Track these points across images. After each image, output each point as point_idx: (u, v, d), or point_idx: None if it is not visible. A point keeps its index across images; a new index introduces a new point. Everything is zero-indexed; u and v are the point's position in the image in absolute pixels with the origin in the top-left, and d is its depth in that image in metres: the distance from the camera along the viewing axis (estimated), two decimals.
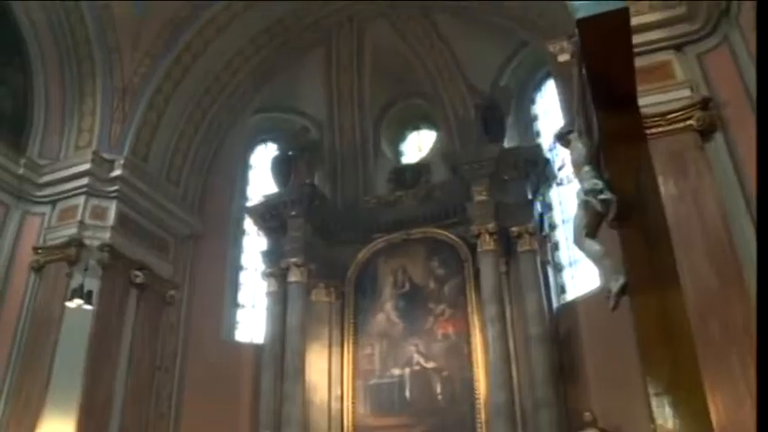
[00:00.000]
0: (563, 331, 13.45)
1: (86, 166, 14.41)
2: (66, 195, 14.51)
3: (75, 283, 12.67)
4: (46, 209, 14.55)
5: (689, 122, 8.01)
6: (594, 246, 5.48)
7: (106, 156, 14.73)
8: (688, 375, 4.10)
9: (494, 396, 12.83)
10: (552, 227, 15.16)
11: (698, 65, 8.79)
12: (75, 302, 12.21)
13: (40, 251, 13.99)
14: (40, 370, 12.97)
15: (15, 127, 14.73)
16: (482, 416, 13.41)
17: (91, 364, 13.32)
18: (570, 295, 14.21)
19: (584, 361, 12.85)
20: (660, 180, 3.91)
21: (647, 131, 4.77)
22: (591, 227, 5.37)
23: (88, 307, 12.49)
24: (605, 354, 12.01)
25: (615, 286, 5.00)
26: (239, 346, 16.67)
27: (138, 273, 14.68)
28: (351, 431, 14.61)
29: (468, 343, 14.19)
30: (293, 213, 15.44)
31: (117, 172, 14.60)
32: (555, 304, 13.99)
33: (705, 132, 7.95)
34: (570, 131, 5.92)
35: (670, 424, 4.30)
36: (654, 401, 4.44)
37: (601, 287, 12.13)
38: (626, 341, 9.61)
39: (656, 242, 4.50)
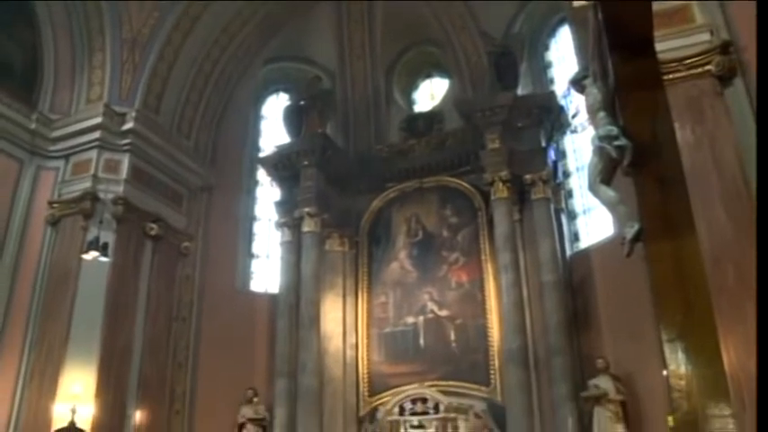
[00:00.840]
0: (576, 279, 13.48)
1: (98, 120, 14.42)
2: (78, 149, 14.57)
3: (90, 236, 12.79)
4: (59, 163, 14.64)
5: (707, 68, 7.86)
6: (609, 192, 5.43)
7: (117, 109, 14.72)
8: (701, 322, 4.09)
9: (507, 343, 12.93)
10: (566, 174, 15.06)
11: (719, 8, 8.57)
12: (92, 255, 12.33)
13: (55, 205, 14.12)
14: (60, 322, 13.21)
15: (26, 82, 14.72)
16: (496, 363, 13.55)
17: (109, 315, 13.54)
18: (584, 243, 14.18)
19: (598, 308, 12.91)
20: (677, 126, 3.85)
21: (665, 77, 4.67)
22: (605, 173, 5.31)
23: (104, 259, 12.62)
24: (619, 301, 12.06)
25: (630, 233, 4.96)
26: (254, 295, 16.85)
27: (152, 225, 14.79)
28: (365, 378, 14.82)
29: (482, 290, 14.25)
30: (306, 163, 15.41)
31: (129, 125, 14.60)
32: (568, 252, 13.98)
33: (724, 78, 7.80)
34: (585, 77, 5.82)
35: (683, 370, 4.30)
36: (667, 348, 4.44)
37: (615, 235, 12.10)
38: (639, 289, 9.65)
39: (672, 189, 4.44)
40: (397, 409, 13.42)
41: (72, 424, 12.55)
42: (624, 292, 11.54)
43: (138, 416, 13.67)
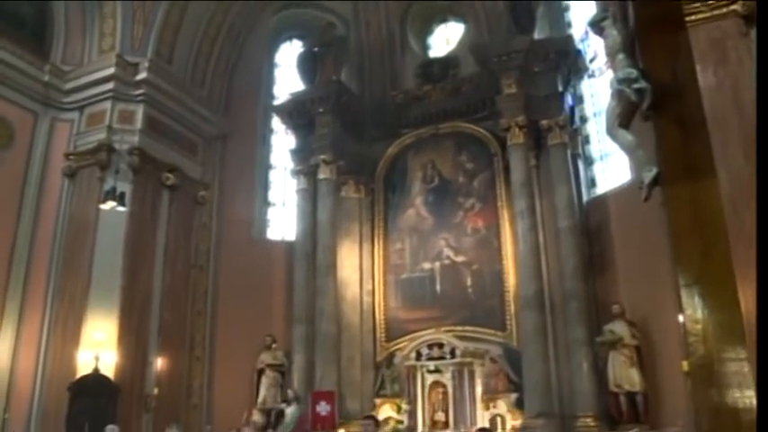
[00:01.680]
0: (593, 224, 13.43)
1: (111, 71, 14.37)
2: (92, 101, 14.57)
3: (107, 187, 12.87)
4: (74, 115, 14.67)
5: (733, 7, 7.63)
6: (627, 136, 5.36)
7: (130, 59, 14.64)
8: (718, 267, 4.07)
9: (523, 288, 12.98)
10: (583, 120, 14.87)
11: None
12: (109, 205, 12.42)
13: (71, 157, 14.20)
14: (80, 271, 13.41)
15: (37, 34, 14.65)
16: (512, 308, 13.62)
17: (128, 264, 13.71)
18: (600, 189, 14.08)
19: (614, 254, 12.89)
20: (698, 69, 3.76)
21: (686, 18, 4.55)
22: (624, 117, 5.24)
23: (122, 209, 12.71)
24: (635, 247, 12.02)
25: (648, 177, 4.92)
26: (271, 243, 16.96)
27: (168, 175, 14.85)
28: (382, 324, 14.96)
29: (498, 236, 14.25)
30: (321, 110, 15.31)
31: (142, 75, 14.55)
32: (585, 198, 13.90)
33: (750, 18, 7.59)
34: (604, 18, 5.69)
35: (699, 314, 4.31)
36: (684, 292, 4.44)
37: (632, 180, 12.02)
38: (656, 234, 9.62)
39: (692, 132, 4.39)
40: (413, 355, 13.57)
41: (96, 370, 12.83)
42: (640, 237, 11.50)
43: (160, 362, 13.94)
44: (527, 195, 13.38)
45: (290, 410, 12.95)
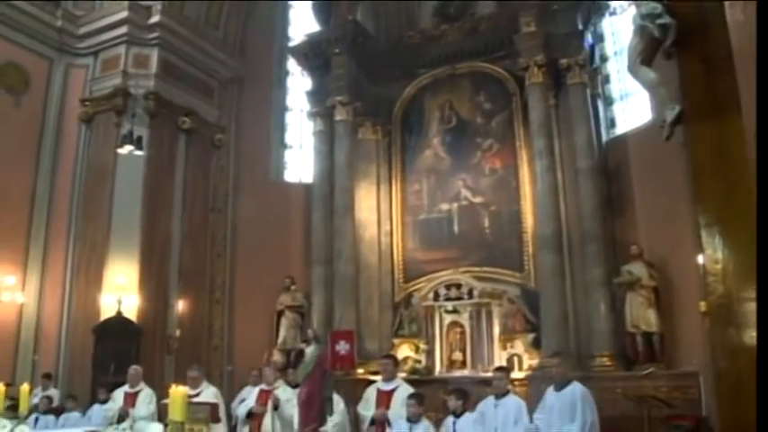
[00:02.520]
0: (612, 165, 13.30)
1: (124, 14, 14.20)
2: (106, 45, 14.47)
3: (124, 131, 12.88)
4: (88, 60, 14.60)
5: None
6: (650, 73, 5.24)
7: (143, 2, 14.44)
8: (740, 206, 4.02)
9: (541, 229, 12.95)
10: (603, 59, 14.58)
11: None
12: (127, 149, 12.44)
13: (87, 103, 14.18)
14: (101, 217, 13.54)
15: None
16: (529, 249, 13.62)
17: (147, 209, 13.81)
18: (620, 129, 13.90)
19: (633, 195, 12.79)
20: (726, 4, 3.64)
21: None
22: (646, 54, 5.11)
23: (139, 153, 12.73)
24: (654, 187, 11.91)
25: (670, 115, 4.83)
26: (288, 186, 17.00)
27: (184, 118, 14.81)
28: (400, 265, 15.04)
29: (516, 177, 14.16)
30: (336, 51, 15.12)
31: (155, 18, 14.36)
32: (604, 138, 13.73)
33: None
34: None
35: (719, 254, 4.28)
36: (704, 232, 4.41)
37: (652, 120, 11.85)
38: (676, 175, 9.52)
39: (716, 69, 4.28)
40: (431, 295, 13.66)
41: (119, 313, 13.07)
42: (660, 178, 11.39)
43: (181, 305, 14.16)
44: (545, 135, 13.23)
45: (309, 350, 13.02)
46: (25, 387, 7.39)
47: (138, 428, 5.13)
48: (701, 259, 4.63)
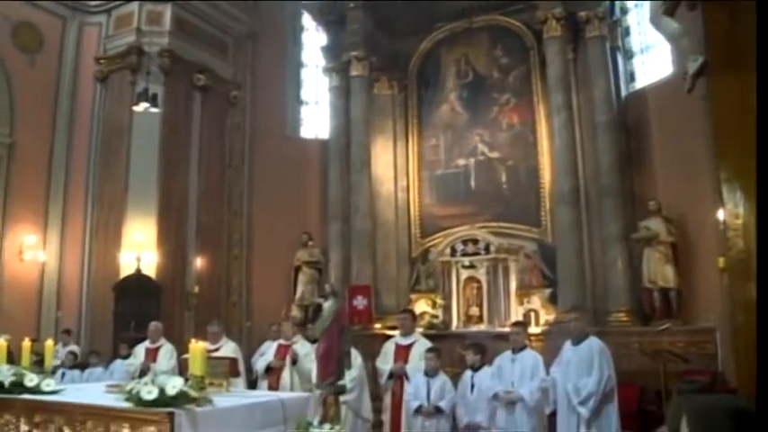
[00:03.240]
0: (631, 119, 13.11)
1: None
2: (119, 2, 14.38)
3: (139, 89, 12.84)
4: (102, 18, 14.54)
5: None
6: (672, 24, 5.14)
7: None
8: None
9: (559, 184, 12.86)
10: (623, 11, 14.25)
11: None
12: (142, 106, 12.41)
13: (101, 61, 14.16)
14: (118, 175, 13.62)
15: None
16: (546, 204, 13.56)
17: (164, 166, 13.87)
18: (640, 83, 13.65)
19: (652, 149, 12.62)
20: None
21: None
22: (670, 4, 5.01)
23: (155, 110, 12.71)
24: (674, 142, 11.74)
25: (693, 67, 4.74)
26: (305, 142, 16.97)
27: (199, 76, 14.77)
28: (417, 221, 15.04)
29: (534, 132, 14.02)
30: (351, 6, 14.91)
31: None
32: (624, 92, 13.49)
33: None
34: None
35: (740, 209, 4.23)
36: (725, 187, 4.35)
37: (673, 74, 11.65)
38: (696, 129, 9.42)
39: (742, 20, 4.17)
40: (448, 251, 13.67)
41: (138, 271, 13.22)
42: (680, 132, 11.23)
43: (199, 262, 14.29)
44: (564, 90, 13.05)
45: (327, 304, 13.09)
46: (50, 343, 7.53)
47: (159, 382, 5.20)
48: (721, 214, 4.59)
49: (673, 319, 11.20)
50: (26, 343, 7.04)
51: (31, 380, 6.25)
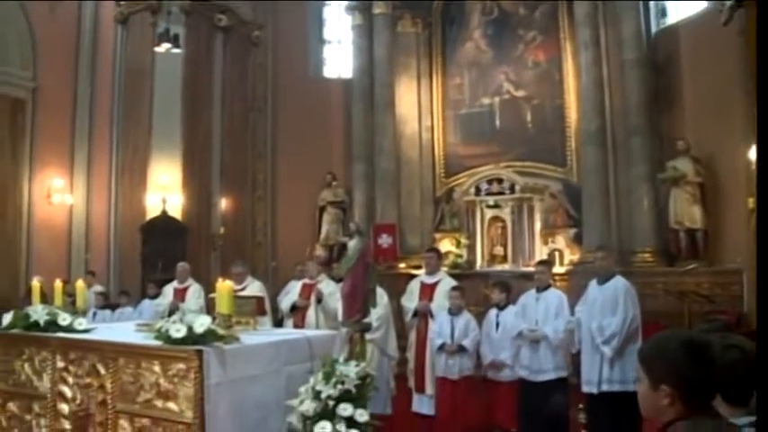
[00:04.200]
0: (661, 57, 12.77)
1: None
2: None
3: (160, 29, 12.75)
4: None
5: None
6: None
7: None
8: None
9: (585, 123, 12.68)
10: None
11: None
12: (164, 47, 12.34)
13: (121, 3, 13.99)
14: (142, 119, 13.64)
15: None
16: (572, 143, 13.41)
17: (187, 108, 13.86)
18: (671, 19, 13.26)
19: (682, 88, 12.29)
20: None
21: None
22: None
23: (177, 51, 12.64)
24: (705, 80, 11.42)
25: None
26: (328, 81, 16.82)
27: (220, 16, 14.60)
28: (441, 160, 14.98)
29: (560, 69, 13.77)
30: None
31: None
32: (654, 28, 13.12)
33: None
34: None
35: None
36: (759, 125, 4.24)
37: (707, 9, 11.30)
38: (729, 67, 9.17)
39: None
40: (473, 190, 13.62)
41: (164, 213, 13.36)
42: (712, 70, 10.93)
43: (224, 203, 14.38)
44: (591, 26, 12.73)
45: (352, 243, 13.28)
46: (81, 283, 7.69)
47: (187, 321, 5.30)
48: (752, 154, 4.49)
49: (698, 261, 11.13)
50: (58, 284, 7.19)
51: (64, 319, 6.40)
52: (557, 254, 12.70)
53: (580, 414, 7.09)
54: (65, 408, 6.11)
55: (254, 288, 8.73)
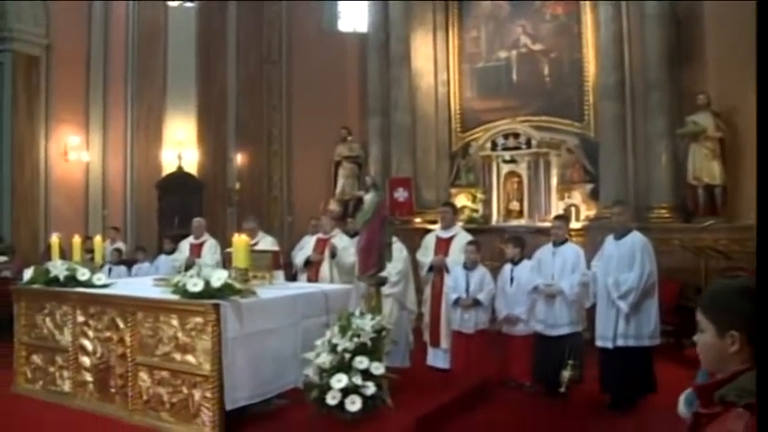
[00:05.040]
0: (683, 10, 12.43)
1: None
2: None
3: None
4: None
5: None
6: None
7: None
8: None
9: (603, 78, 12.47)
10: None
11: None
12: (177, 1, 12.25)
13: None
14: (156, 74, 13.63)
15: None
16: (590, 98, 13.22)
17: (201, 63, 13.83)
18: None
19: (705, 41, 11.95)
20: None
21: None
22: None
23: (190, 4, 12.58)
24: (729, 33, 11.08)
25: None
26: (343, 35, 16.65)
27: None
28: (457, 115, 14.84)
29: (578, 23, 13.50)
30: None
31: None
32: None
33: None
34: None
35: None
36: None
37: None
38: (753, 20, 8.93)
39: None
40: (489, 145, 13.50)
41: (180, 168, 13.42)
42: (737, 23, 10.63)
43: (240, 158, 14.41)
44: None
45: (368, 197, 13.21)
46: (99, 239, 7.79)
47: (204, 275, 5.35)
48: None
49: (716, 217, 11.01)
50: (76, 239, 7.27)
51: (83, 274, 6.48)
52: (573, 209, 12.62)
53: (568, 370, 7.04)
54: (86, 360, 6.24)
55: (266, 243, 8.79)
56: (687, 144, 11.40)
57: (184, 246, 9.99)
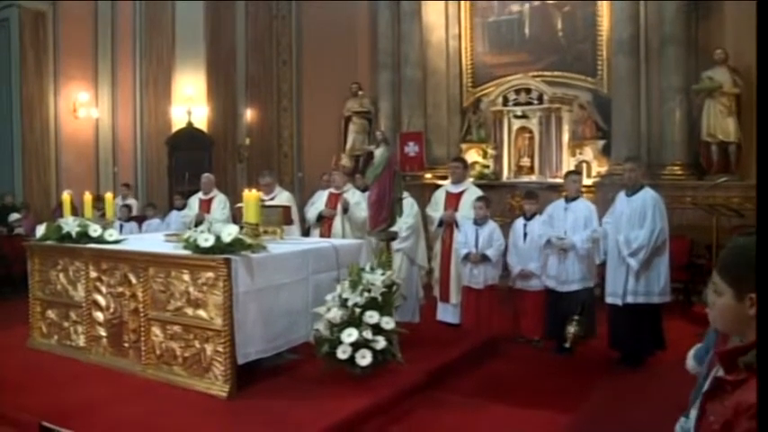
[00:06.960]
0: None
1: None
2: None
3: None
4: None
5: None
6: None
7: None
8: None
9: (617, 32, 12.25)
10: None
11: None
12: None
13: None
14: (164, 29, 13.54)
15: None
16: (604, 53, 13.01)
17: (210, 18, 13.72)
18: None
19: None
20: None
21: None
22: None
23: None
24: None
25: None
26: None
27: None
28: (468, 69, 14.67)
29: None
30: None
31: None
32: None
33: None
34: None
35: None
36: None
37: None
38: None
39: None
40: (500, 100, 13.36)
41: (190, 124, 13.38)
42: None
43: (249, 114, 14.35)
44: None
45: (378, 152, 13.21)
46: (109, 195, 7.83)
47: (215, 230, 5.36)
48: None
49: (730, 174, 10.90)
50: (87, 196, 7.30)
51: (95, 230, 6.51)
52: (584, 165, 12.53)
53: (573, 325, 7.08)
54: (99, 315, 6.31)
55: (282, 198, 8.77)
56: (702, 100, 11.24)
57: (193, 202, 10.01)
